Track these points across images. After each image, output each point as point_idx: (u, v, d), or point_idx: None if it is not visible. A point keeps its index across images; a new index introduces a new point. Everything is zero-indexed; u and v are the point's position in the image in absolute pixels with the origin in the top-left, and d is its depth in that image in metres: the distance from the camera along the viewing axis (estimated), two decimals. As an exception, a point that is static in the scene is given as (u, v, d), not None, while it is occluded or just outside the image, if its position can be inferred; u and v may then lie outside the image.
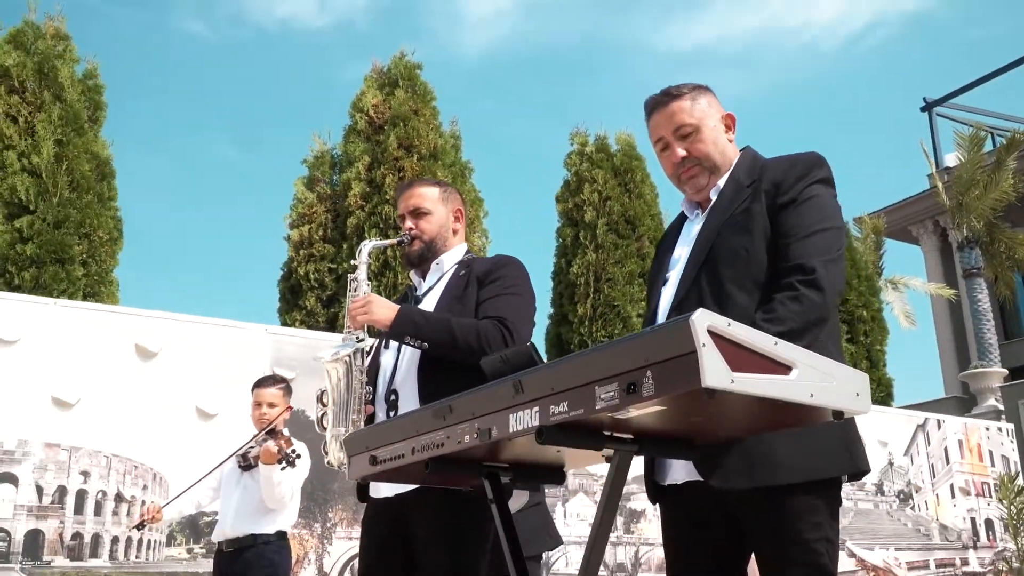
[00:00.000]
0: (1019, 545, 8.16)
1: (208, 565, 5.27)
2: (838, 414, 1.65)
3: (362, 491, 2.69)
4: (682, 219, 2.41)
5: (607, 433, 1.80)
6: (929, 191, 23.29)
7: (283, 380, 4.47)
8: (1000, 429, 9.83)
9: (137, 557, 5.21)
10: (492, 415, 1.90)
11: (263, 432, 4.16)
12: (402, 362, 2.71)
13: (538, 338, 8.96)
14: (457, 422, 2.02)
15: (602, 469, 6.77)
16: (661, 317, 2.23)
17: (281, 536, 4.17)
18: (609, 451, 1.88)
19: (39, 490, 5.03)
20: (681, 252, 2.30)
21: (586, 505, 6.75)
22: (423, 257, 2.84)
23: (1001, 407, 14.49)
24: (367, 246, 2.84)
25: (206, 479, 4.38)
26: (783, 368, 1.57)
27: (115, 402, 5.34)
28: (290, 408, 4.37)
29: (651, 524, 7.03)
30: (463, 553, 2.52)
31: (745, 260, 2.12)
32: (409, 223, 2.84)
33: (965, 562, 8.74)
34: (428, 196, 2.86)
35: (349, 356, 2.67)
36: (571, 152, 9.10)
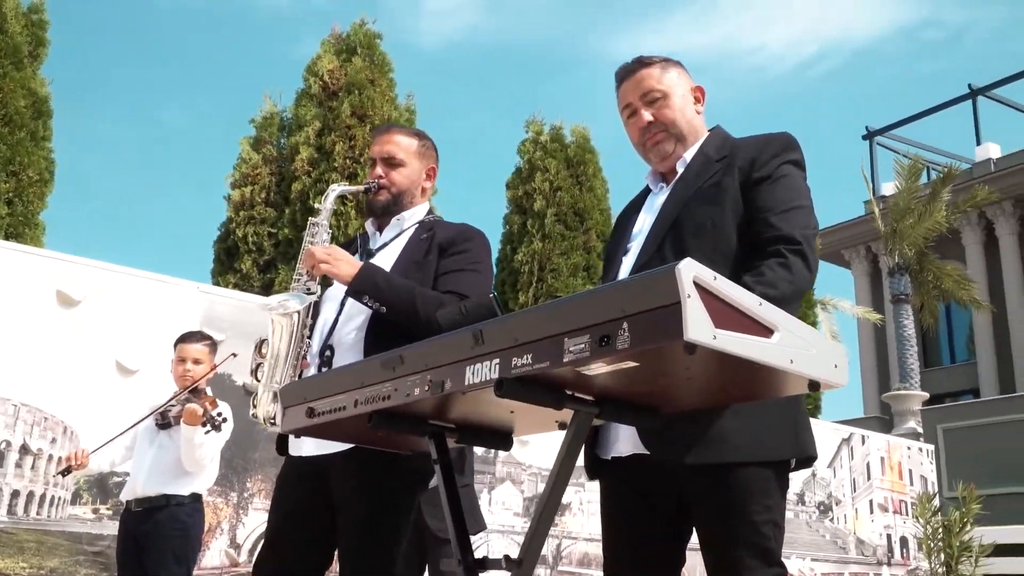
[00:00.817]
0: (932, 565, 8.29)
1: (114, 528, 5.02)
2: (814, 384, 1.57)
3: (282, 443, 2.56)
4: (645, 192, 2.32)
5: (569, 392, 1.69)
6: (865, 217, 23.85)
7: (209, 337, 4.27)
8: (920, 449, 10.02)
9: (39, 514, 4.93)
10: (447, 367, 1.78)
11: (186, 391, 3.95)
12: (343, 318, 2.56)
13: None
14: (407, 373, 1.89)
15: (532, 456, 6.65)
16: (621, 281, 2.12)
17: (196, 498, 3.97)
18: (565, 417, 1.78)
19: (-63, 435, 4.73)
20: (644, 222, 2.22)
21: (512, 494, 6.65)
22: (387, 209, 2.66)
23: (920, 430, 14.83)
24: (335, 190, 2.68)
25: (121, 437, 4.15)
26: (766, 330, 1.49)
27: (30, 349, 5.05)
28: (215, 367, 4.17)
29: (575, 518, 6.96)
30: (383, 514, 2.41)
31: (712, 232, 2.06)
32: (380, 170, 2.66)
33: (878, 577, 8.88)
34: (405, 146, 2.67)
35: (299, 312, 2.52)
36: (525, 140, 9.00)
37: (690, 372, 1.52)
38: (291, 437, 2.52)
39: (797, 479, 8.52)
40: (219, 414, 3.73)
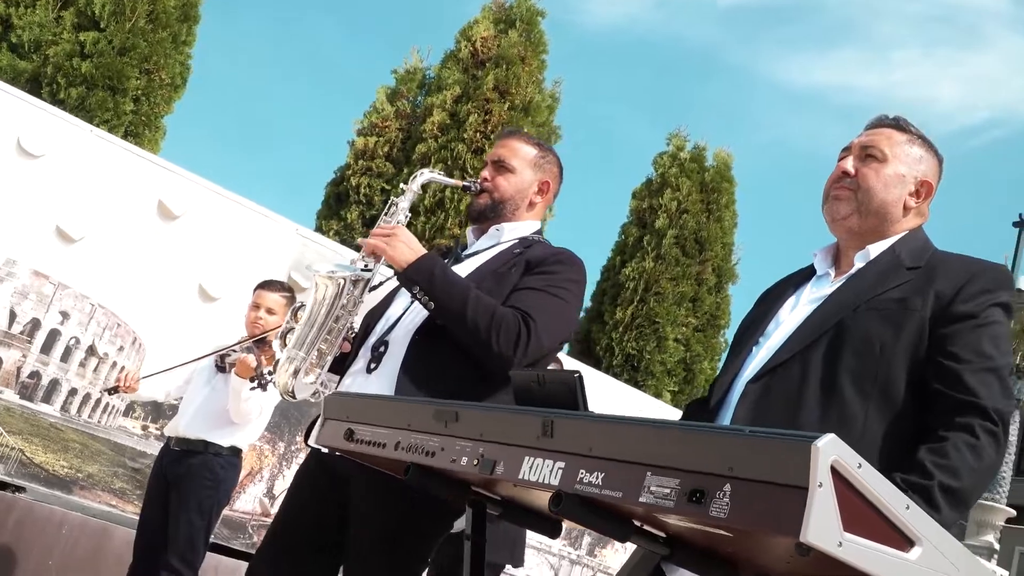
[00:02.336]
0: None
1: (157, 448, 4.95)
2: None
3: (309, 432, 2.33)
4: (809, 272, 1.96)
5: (637, 524, 1.41)
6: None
7: (290, 289, 4.11)
8: (995, 573, 9.34)
9: (90, 417, 4.90)
10: (503, 447, 1.53)
11: (251, 340, 3.79)
12: (408, 316, 2.33)
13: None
14: (459, 435, 1.64)
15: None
16: (744, 378, 1.80)
17: (234, 452, 3.83)
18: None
19: (11, 316, 4.71)
20: (796, 310, 1.86)
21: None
22: (485, 215, 2.44)
23: (997, 547, 13.98)
24: (423, 175, 2.44)
25: (182, 368, 4.03)
26: (906, 543, 1.16)
27: (119, 252, 4.99)
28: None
29: (616, 554, 6.65)
30: (403, 534, 2.21)
31: (875, 356, 1.69)
32: (487, 172, 2.45)
33: None
34: (522, 154, 2.43)
35: (345, 279, 2.27)
36: (663, 152, 8.63)
37: (792, 565, 1.21)
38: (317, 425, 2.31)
39: None
40: (271, 371, 3.55)
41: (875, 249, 1.81)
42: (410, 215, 2.50)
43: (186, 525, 3.66)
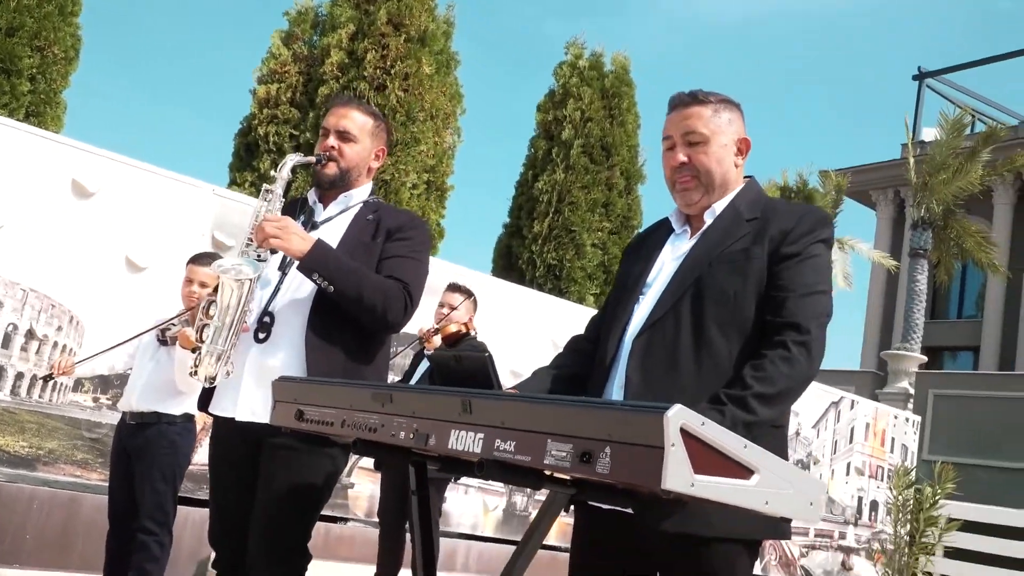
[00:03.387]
0: (896, 532, 8.51)
1: (112, 417, 5.18)
2: (786, 520, 1.61)
3: (204, 400, 2.69)
4: (668, 228, 2.28)
5: (548, 473, 1.73)
6: (899, 161, 23.44)
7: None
8: (908, 420, 10.14)
9: (40, 397, 5.07)
10: (433, 422, 1.84)
11: (188, 312, 3.99)
12: (285, 288, 2.64)
13: (488, 248, 8.85)
14: (395, 413, 1.95)
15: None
16: (630, 334, 2.13)
17: (187, 418, 4.05)
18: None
19: (-54, 313, 4.81)
20: (664, 267, 2.19)
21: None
22: (334, 183, 2.73)
23: (912, 391, 14.99)
24: (290, 161, 2.70)
25: (123, 345, 4.22)
26: (746, 472, 1.51)
27: (43, 236, 5.09)
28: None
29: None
30: (308, 487, 2.56)
31: (730, 303, 2.04)
32: (332, 141, 2.71)
33: (843, 536, 9.12)
34: (360, 124, 2.73)
35: (252, 280, 2.55)
36: (563, 62, 8.78)
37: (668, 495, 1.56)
38: (216, 395, 2.65)
39: (781, 437, 8.67)
40: None
41: (719, 206, 2.14)
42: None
43: (152, 493, 3.91)
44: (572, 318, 7.00)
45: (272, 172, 2.79)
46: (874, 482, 9.47)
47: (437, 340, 4.49)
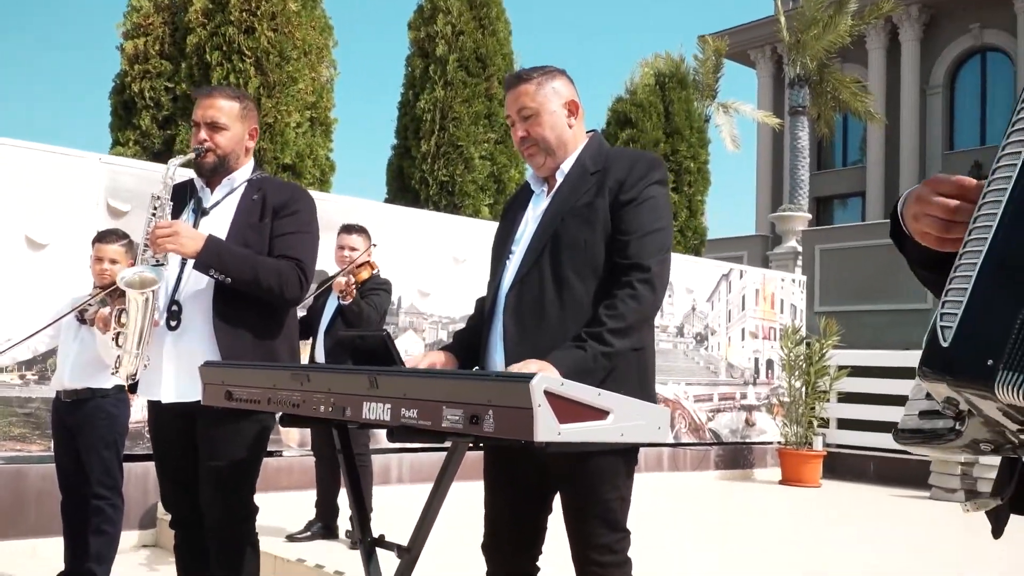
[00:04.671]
0: (790, 384, 9.27)
1: (40, 391, 5.35)
2: (648, 444, 1.99)
3: (133, 386, 2.96)
4: (529, 190, 2.60)
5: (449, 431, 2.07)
6: (773, 18, 23.87)
7: (125, 236, 4.42)
8: (794, 280, 10.84)
9: (-34, 384, 5.20)
10: (347, 396, 2.15)
11: (103, 292, 4.17)
12: (187, 276, 2.88)
13: (379, 170, 9.04)
14: (314, 390, 2.25)
15: (433, 306, 7.06)
16: (503, 290, 2.45)
17: (119, 389, 4.27)
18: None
19: None
20: (526, 227, 2.51)
21: (415, 342, 7.15)
22: (215, 171, 2.94)
23: (800, 249, 15.86)
24: (173, 165, 2.89)
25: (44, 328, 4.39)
26: (602, 414, 1.88)
27: (-65, 228, 5.13)
28: (131, 265, 4.37)
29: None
30: (243, 457, 2.87)
31: (583, 250, 2.37)
32: (203, 134, 2.90)
33: (744, 396, 9.88)
34: (227, 110, 2.91)
35: (155, 292, 2.81)
36: (427, -25, 8.80)
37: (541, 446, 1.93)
38: (142, 382, 2.92)
39: (678, 314, 9.26)
40: None
41: (566, 165, 2.46)
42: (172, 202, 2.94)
43: (99, 461, 4.17)
44: (468, 232, 7.32)
45: (153, 129, 3.00)
46: (768, 343, 10.20)
47: (355, 290, 4.76)
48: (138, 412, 5.90)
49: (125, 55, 7.16)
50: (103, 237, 4.32)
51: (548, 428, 1.75)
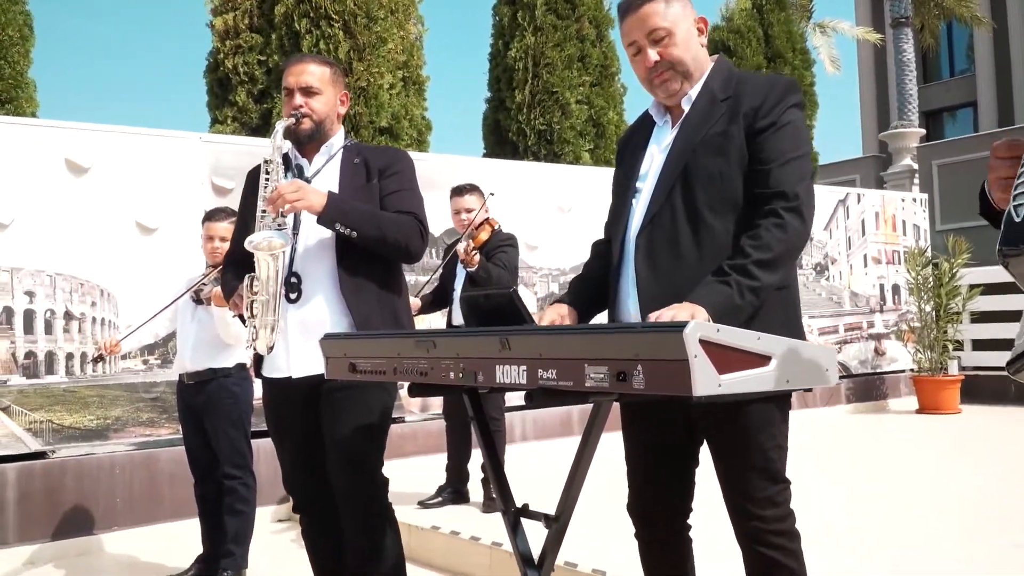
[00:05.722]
0: (920, 308, 8.81)
1: (164, 375, 5.45)
2: (807, 389, 1.80)
3: (259, 365, 2.90)
4: (650, 122, 2.39)
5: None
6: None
7: (234, 213, 4.36)
8: (915, 200, 10.29)
9: (94, 371, 5.33)
10: (478, 360, 2.01)
11: (216, 270, 4.16)
12: (302, 246, 2.79)
13: (476, 123, 8.86)
14: (441, 357, 2.12)
15: (542, 259, 6.93)
16: (632, 232, 2.27)
17: (241, 368, 4.29)
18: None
19: (-14, 315, 5.02)
20: (652, 161, 2.31)
21: (528, 297, 7.02)
22: (311, 137, 2.85)
23: (916, 166, 15.06)
24: (280, 127, 2.79)
25: (162, 312, 4.42)
26: (764, 360, 1.69)
27: (52, 221, 5.23)
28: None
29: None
30: (372, 421, 2.79)
31: (719, 183, 2.16)
32: (299, 99, 2.82)
33: (871, 324, 9.45)
34: (318, 75, 2.84)
35: (284, 252, 2.73)
36: (505, -80, 8.52)
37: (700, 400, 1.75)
38: (267, 358, 2.84)
39: (795, 246, 8.87)
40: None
41: (694, 92, 2.24)
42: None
43: (227, 441, 4.19)
44: (570, 180, 7.12)
45: (249, 104, 2.91)
46: (892, 267, 9.72)
47: (477, 257, 4.66)
48: (259, 389, 5.97)
49: (216, 32, 7.16)
50: (212, 216, 4.31)
51: (707, 380, 1.57)
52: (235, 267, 2.92)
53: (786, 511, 2.20)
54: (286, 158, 2.91)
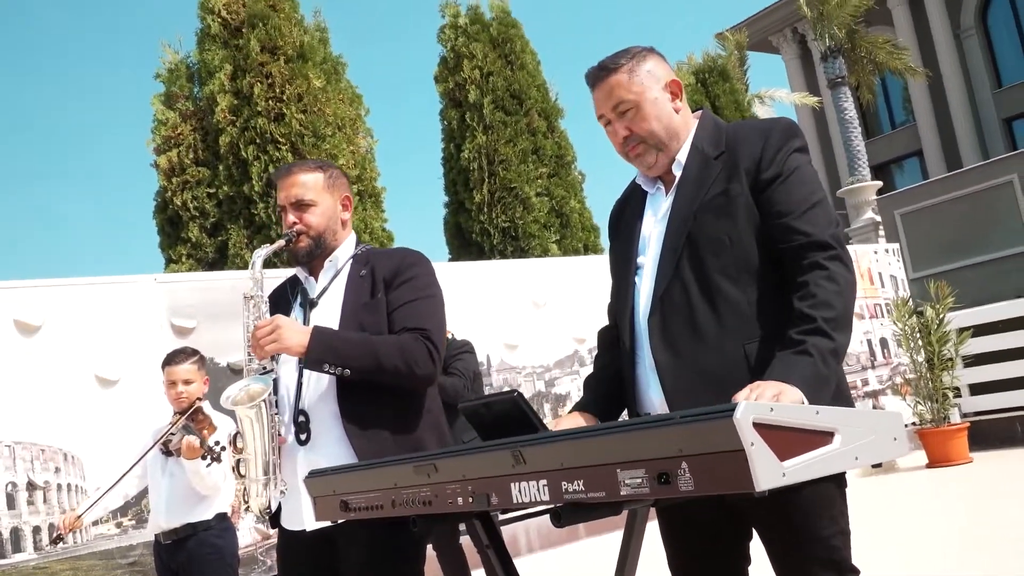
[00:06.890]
0: (912, 359, 8.61)
1: (140, 535, 5.06)
2: (876, 464, 1.55)
3: (276, 517, 2.53)
4: (640, 191, 2.18)
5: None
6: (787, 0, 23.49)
7: (195, 352, 4.12)
8: (887, 250, 10.23)
9: (65, 543, 4.93)
10: (489, 480, 1.75)
11: (184, 417, 3.85)
12: (308, 379, 2.47)
13: (437, 228, 8.71)
14: (445, 481, 1.84)
15: (523, 358, 6.64)
16: (642, 313, 2.04)
17: (221, 518, 3.95)
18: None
19: (-60, 497, 4.63)
20: (651, 231, 2.09)
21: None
22: (311, 254, 2.54)
23: (878, 218, 15.12)
24: (259, 256, 2.49)
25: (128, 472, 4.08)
26: (827, 437, 1.45)
27: (3, 387, 4.91)
28: (207, 381, 4.06)
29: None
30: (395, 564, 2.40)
31: (730, 248, 1.95)
32: (291, 217, 2.52)
33: (865, 382, 9.23)
34: (310, 184, 2.53)
35: (265, 401, 2.40)
36: (444, 26, 8.55)
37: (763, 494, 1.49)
38: (283, 510, 2.49)
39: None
40: (217, 443, 3.64)
41: (682, 155, 2.04)
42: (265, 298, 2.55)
43: (215, 598, 3.83)
44: (541, 274, 6.93)
45: (203, 238, 2.64)
46: (876, 321, 9.57)
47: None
48: (247, 536, 5.60)
49: (161, 170, 6.97)
50: (171, 359, 4.02)
51: (769, 470, 1.32)
52: None
53: (857, 605, 1.93)
54: (294, 280, 2.64)
